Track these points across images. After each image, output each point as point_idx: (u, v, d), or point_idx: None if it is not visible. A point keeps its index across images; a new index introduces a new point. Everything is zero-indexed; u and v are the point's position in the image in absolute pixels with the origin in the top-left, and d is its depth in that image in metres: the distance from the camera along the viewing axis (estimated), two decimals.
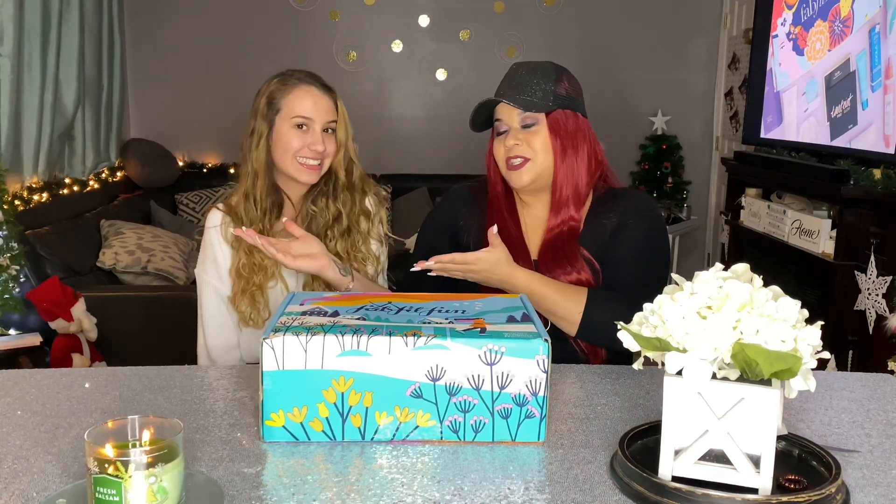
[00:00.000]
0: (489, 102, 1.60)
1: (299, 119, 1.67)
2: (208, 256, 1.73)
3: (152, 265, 3.53)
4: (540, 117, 1.56)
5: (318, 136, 1.67)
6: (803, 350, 0.91)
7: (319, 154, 1.67)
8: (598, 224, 1.60)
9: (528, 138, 1.57)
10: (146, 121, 4.97)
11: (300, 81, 1.70)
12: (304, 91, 1.68)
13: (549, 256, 1.59)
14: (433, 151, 5.21)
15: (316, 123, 1.68)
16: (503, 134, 1.60)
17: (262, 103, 1.70)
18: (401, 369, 1.08)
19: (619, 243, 1.58)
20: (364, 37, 5.06)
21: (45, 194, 3.57)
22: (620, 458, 1.01)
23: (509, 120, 1.59)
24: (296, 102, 1.68)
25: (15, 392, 1.29)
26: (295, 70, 1.74)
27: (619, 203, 1.62)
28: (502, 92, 1.59)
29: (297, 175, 1.69)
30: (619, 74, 5.07)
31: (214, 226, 1.72)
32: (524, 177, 1.58)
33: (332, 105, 1.71)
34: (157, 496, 0.85)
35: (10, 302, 2.64)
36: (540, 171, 1.58)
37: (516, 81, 1.58)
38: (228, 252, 1.71)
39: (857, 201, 2.99)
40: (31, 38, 3.46)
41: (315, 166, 1.68)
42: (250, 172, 1.71)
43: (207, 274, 1.72)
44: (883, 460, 1.08)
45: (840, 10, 3.26)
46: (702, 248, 5.40)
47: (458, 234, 1.68)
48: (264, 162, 1.70)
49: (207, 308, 1.73)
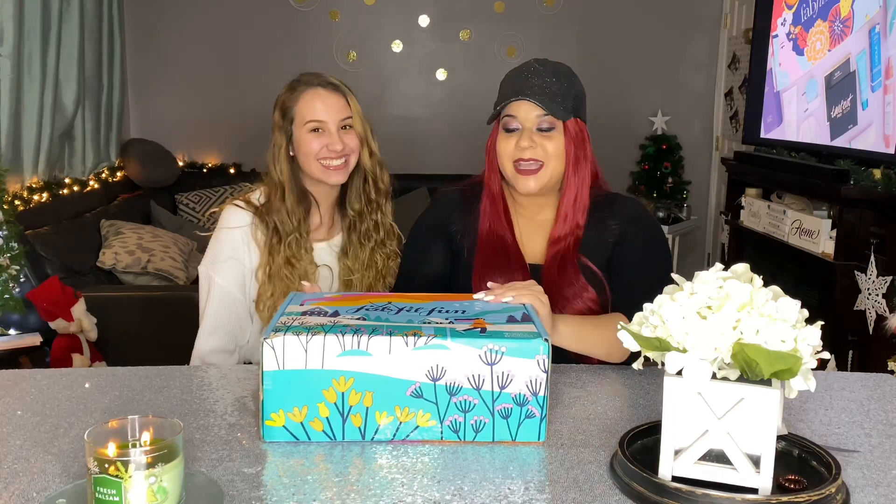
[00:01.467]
0: (515, 100, 1.50)
1: (312, 123, 1.68)
2: (227, 256, 1.68)
3: (152, 265, 3.52)
4: (557, 122, 1.51)
5: (335, 135, 1.68)
6: (803, 350, 0.91)
7: (339, 153, 1.68)
8: (599, 233, 1.57)
9: (542, 142, 1.50)
10: (146, 121, 4.96)
11: (307, 86, 1.70)
12: (311, 95, 1.69)
13: (555, 265, 1.54)
14: (433, 151, 5.20)
15: (330, 124, 1.69)
16: (513, 132, 1.52)
17: (277, 116, 1.72)
18: (401, 369, 1.08)
19: (624, 253, 1.55)
20: (364, 37, 5.06)
21: (45, 194, 3.57)
22: (620, 458, 1.01)
23: (525, 119, 1.51)
24: (306, 108, 1.69)
25: (15, 392, 1.29)
26: (303, 74, 1.74)
27: (615, 210, 1.58)
28: (525, 89, 1.50)
29: (325, 178, 1.70)
30: (619, 74, 5.06)
31: (241, 226, 1.69)
32: (533, 183, 1.52)
33: (342, 102, 1.71)
34: (157, 496, 0.85)
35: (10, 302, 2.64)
36: (549, 177, 1.52)
37: (537, 80, 1.50)
38: (256, 254, 1.69)
39: (857, 201, 2.99)
40: (31, 38, 3.45)
41: (339, 166, 1.69)
42: (277, 185, 1.71)
43: (218, 275, 1.68)
44: (883, 460, 1.08)
45: (840, 10, 3.26)
46: (702, 248, 5.40)
47: (451, 238, 1.63)
48: (288, 173, 1.71)
49: (209, 306, 1.68)
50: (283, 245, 1.67)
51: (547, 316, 1.32)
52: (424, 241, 1.65)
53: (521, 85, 1.51)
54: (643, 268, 1.53)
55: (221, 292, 1.68)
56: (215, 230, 1.73)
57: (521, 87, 1.51)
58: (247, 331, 1.72)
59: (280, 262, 1.67)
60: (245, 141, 4.74)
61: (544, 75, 1.51)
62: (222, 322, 1.69)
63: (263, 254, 1.68)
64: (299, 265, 1.67)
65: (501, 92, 1.55)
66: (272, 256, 1.67)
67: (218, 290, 1.68)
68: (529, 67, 1.54)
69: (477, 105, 5.10)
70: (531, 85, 1.50)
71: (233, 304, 1.69)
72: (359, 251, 1.77)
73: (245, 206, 1.72)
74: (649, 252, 1.56)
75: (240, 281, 1.69)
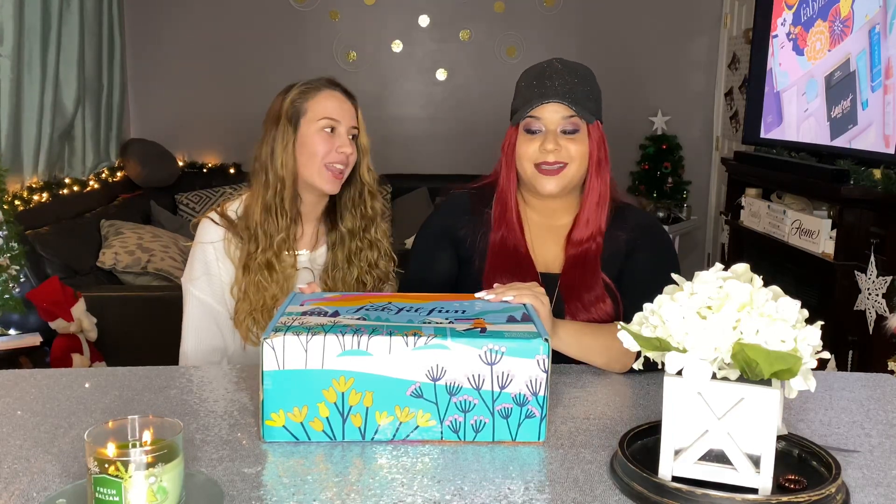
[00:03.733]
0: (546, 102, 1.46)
1: (326, 121, 1.64)
2: (201, 271, 1.67)
3: (152, 265, 3.52)
4: (582, 124, 1.48)
5: (345, 137, 1.66)
6: (803, 350, 0.91)
7: (346, 157, 1.65)
8: (612, 243, 1.53)
9: (566, 144, 1.47)
10: (146, 121, 4.96)
11: (324, 86, 1.68)
12: (328, 94, 1.67)
13: (575, 269, 1.51)
14: (433, 151, 5.21)
15: (342, 126, 1.66)
16: (535, 133, 1.48)
17: (286, 111, 1.65)
18: (401, 369, 1.08)
19: (634, 266, 1.52)
20: (364, 37, 5.06)
21: (45, 194, 3.57)
22: (620, 458, 1.01)
23: (549, 121, 1.47)
24: (321, 105, 1.65)
25: (15, 392, 1.29)
26: (313, 79, 1.71)
27: (627, 221, 1.55)
28: (553, 91, 1.46)
29: (321, 183, 1.65)
30: (619, 74, 5.05)
31: (213, 241, 1.66)
32: (554, 184, 1.48)
33: (354, 111, 1.70)
34: (157, 496, 0.85)
35: (10, 302, 2.64)
36: (570, 179, 1.49)
37: (561, 81, 1.46)
38: (230, 269, 1.66)
39: (857, 201, 2.99)
40: (31, 38, 3.45)
41: (340, 172, 1.66)
42: (272, 182, 1.64)
43: (197, 288, 1.67)
44: (883, 460, 1.08)
45: (840, 10, 3.26)
46: (702, 248, 5.40)
47: (459, 243, 1.59)
48: (292, 169, 1.65)
49: (190, 319, 1.67)
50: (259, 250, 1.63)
51: (547, 317, 1.31)
52: (431, 246, 1.61)
53: (545, 86, 1.47)
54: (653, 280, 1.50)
55: (200, 304, 1.67)
56: (193, 243, 1.71)
57: (545, 88, 1.47)
58: (230, 341, 1.70)
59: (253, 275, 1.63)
60: (245, 141, 4.67)
61: (567, 76, 1.47)
62: (203, 335, 1.67)
63: (238, 269, 1.65)
64: (279, 268, 1.64)
65: (522, 93, 1.51)
66: (247, 271, 1.64)
67: (194, 301, 1.67)
68: (552, 67, 1.49)
69: (477, 105, 5.11)
70: (556, 86, 1.46)
71: (213, 315, 1.67)
72: (346, 273, 1.73)
73: (219, 219, 1.68)
74: (659, 266, 1.49)
75: (219, 294, 1.67)
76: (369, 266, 1.75)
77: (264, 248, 1.64)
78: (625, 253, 1.54)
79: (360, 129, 1.70)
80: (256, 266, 1.63)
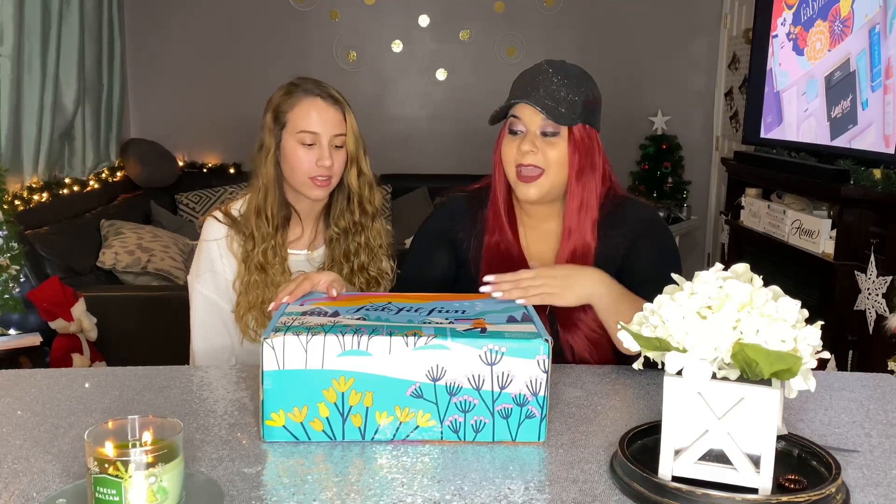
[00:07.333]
0: (516, 102, 1.47)
1: (305, 135, 1.62)
2: (206, 268, 1.69)
3: (152, 265, 3.52)
4: (562, 128, 1.46)
5: (326, 150, 1.62)
6: (803, 350, 0.91)
7: (328, 170, 1.62)
8: (607, 248, 1.52)
9: (544, 147, 1.46)
10: (146, 121, 4.96)
11: (305, 94, 1.63)
12: (308, 104, 1.63)
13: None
14: (433, 151, 5.21)
15: (323, 137, 1.62)
16: (517, 134, 1.49)
17: (269, 118, 1.66)
18: (401, 369, 1.08)
19: (635, 264, 1.51)
20: (364, 37, 5.06)
21: (45, 194, 3.57)
22: (620, 458, 1.01)
23: (529, 122, 1.47)
24: (301, 117, 1.62)
25: (15, 392, 1.29)
26: (302, 79, 1.67)
27: (625, 219, 1.54)
28: (529, 92, 1.46)
29: (307, 191, 1.65)
30: (619, 74, 5.06)
31: (216, 238, 1.68)
32: (533, 191, 1.48)
33: (339, 117, 1.64)
34: (157, 496, 0.85)
35: (10, 302, 2.64)
36: (551, 186, 1.48)
37: (545, 83, 1.46)
38: (233, 265, 1.68)
39: (857, 201, 2.99)
40: (31, 38, 3.45)
41: (325, 180, 1.64)
42: (261, 188, 1.66)
43: (202, 285, 1.69)
44: (883, 460, 1.08)
45: (840, 10, 3.26)
46: (702, 248, 5.40)
47: (456, 246, 1.60)
48: (273, 177, 1.66)
49: (197, 316, 1.69)
50: (256, 251, 1.65)
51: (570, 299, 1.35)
52: (428, 247, 1.62)
53: (529, 88, 1.47)
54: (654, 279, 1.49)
55: (206, 301, 1.69)
56: (198, 241, 1.73)
57: (527, 89, 1.47)
58: (235, 338, 1.71)
59: (254, 272, 1.64)
60: (245, 141, 4.67)
61: (553, 78, 1.47)
62: (210, 332, 1.69)
63: (240, 265, 1.67)
64: (271, 271, 1.65)
65: (510, 92, 1.52)
66: (248, 267, 1.65)
67: (201, 298, 1.69)
68: (540, 69, 1.50)
69: (477, 105, 5.10)
70: (538, 88, 1.46)
71: (219, 312, 1.69)
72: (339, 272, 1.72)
73: (222, 217, 1.70)
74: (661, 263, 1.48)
75: (223, 291, 1.68)
76: (360, 269, 1.74)
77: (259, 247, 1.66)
78: (624, 250, 1.53)
79: (348, 133, 1.66)
80: (253, 266, 1.66)
